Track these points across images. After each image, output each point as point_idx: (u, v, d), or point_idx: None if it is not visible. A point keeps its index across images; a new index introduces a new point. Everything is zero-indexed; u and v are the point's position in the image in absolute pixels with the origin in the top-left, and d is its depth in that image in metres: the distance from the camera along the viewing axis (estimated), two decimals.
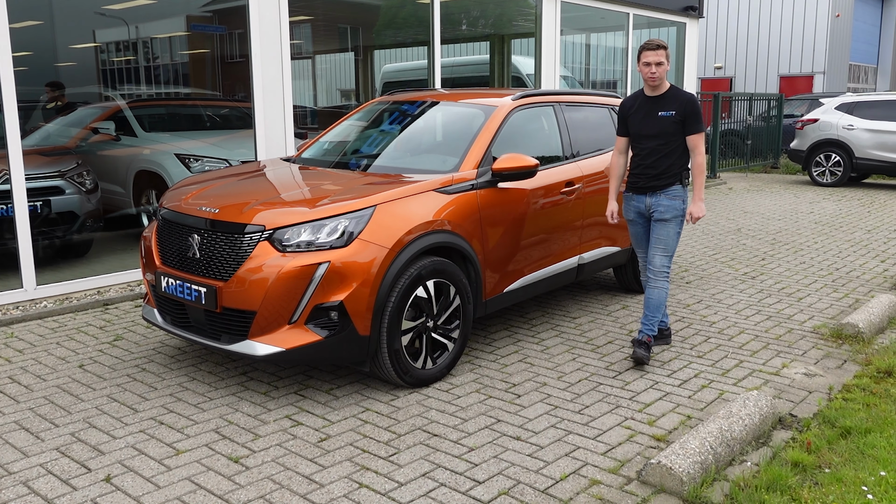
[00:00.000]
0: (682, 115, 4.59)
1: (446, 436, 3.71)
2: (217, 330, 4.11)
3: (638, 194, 4.80)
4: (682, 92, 4.70)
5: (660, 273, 4.72)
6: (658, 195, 4.70)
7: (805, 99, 19.26)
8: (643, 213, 4.81)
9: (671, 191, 4.69)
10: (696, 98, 4.67)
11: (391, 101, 5.94)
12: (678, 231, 4.73)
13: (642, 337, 4.72)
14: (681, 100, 4.63)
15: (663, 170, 4.67)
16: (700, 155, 4.63)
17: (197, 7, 10.67)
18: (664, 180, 4.68)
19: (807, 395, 4.24)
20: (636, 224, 4.92)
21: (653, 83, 4.64)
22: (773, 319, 5.65)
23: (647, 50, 4.59)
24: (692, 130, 4.62)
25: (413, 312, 4.20)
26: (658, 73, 4.58)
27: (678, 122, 4.60)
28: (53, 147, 7.88)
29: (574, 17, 11.58)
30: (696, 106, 4.61)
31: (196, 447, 3.58)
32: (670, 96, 4.66)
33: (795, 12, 25.10)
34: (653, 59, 4.56)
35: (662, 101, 4.65)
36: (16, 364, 4.68)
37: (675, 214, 4.68)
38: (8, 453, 3.52)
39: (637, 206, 4.84)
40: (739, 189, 13.84)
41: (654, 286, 4.74)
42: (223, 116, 9.86)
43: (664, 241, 4.70)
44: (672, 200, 4.68)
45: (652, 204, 4.72)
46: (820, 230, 9.45)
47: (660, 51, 4.55)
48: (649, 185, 4.71)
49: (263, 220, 4.01)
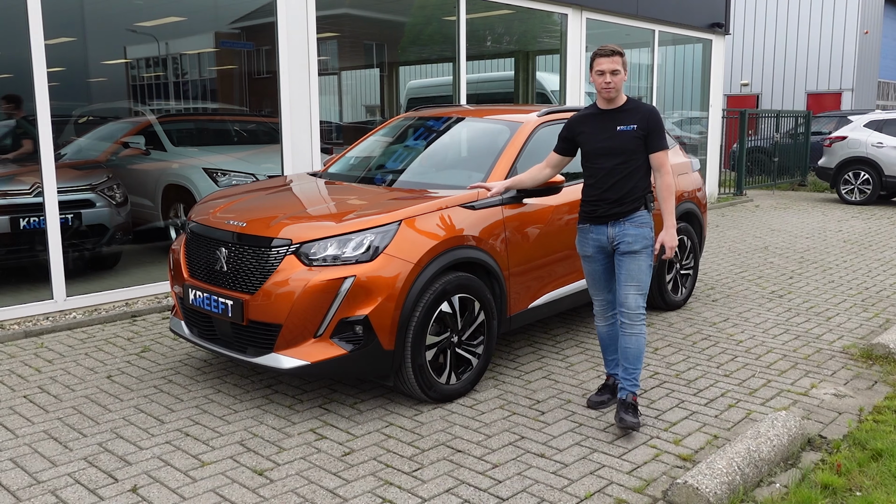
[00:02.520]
0: (645, 130, 3.96)
1: (470, 452, 3.69)
2: (243, 343, 4.14)
3: (597, 225, 4.08)
4: (641, 104, 4.07)
5: (636, 316, 3.99)
6: (622, 224, 4.01)
7: (833, 116, 19.06)
8: (604, 246, 4.08)
9: (636, 217, 4.01)
10: (657, 110, 4.07)
11: (417, 117, 5.98)
12: (650, 264, 4.05)
13: (626, 396, 4.01)
14: (642, 112, 3.99)
15: (625, 193, 3.99)
16: (668, 174, 4.00)
17: (225, 24, 10.84)
18: (627, 206, 4.00)
19: (836, 416, 4.18)
20: (595, 261, 4.16)
21: (607, 94, 3.97)
22: (802, 339, 5.58)
23: (601, 57, 3.93)
24: (656, 147, 3.98)
25: (438, 327, 4.20)
26: (614, 83, 3.92)
27: (640, 138, 3.96)
28: (85, 161, 8.02)
29: (599, 33, 11.60)
30: (659, 119, 4.01)
31: (221, 459, 3.60)
32: (630, 109, 4.01)
33: (823, 29, 24.90)
34: (607, 66, 3.91)
35: (620, 115, 4.00)
36: (45, 374, 4.75)
37: (645, 245, 4.00)
38: (37, 462, 3.56)
39: (597, 238, 4.09)
40: (766, 206, 13.71)
41: (630, 332, 4.01)
42: (250, 131, 9.98)
43: (636, 277, 3.99)
44: (639, 229, 4.00)
45: (616, 235, 4.02)
46: (849, 249, 9.32)
47: (615, 57, 3.91)
48: (611, 213, 4.01)
49: (290, 234, 4.04)
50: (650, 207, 4.08)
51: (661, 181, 4.00)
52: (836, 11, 24.63)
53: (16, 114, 7.28)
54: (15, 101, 7.36)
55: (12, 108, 7.29)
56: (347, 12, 10.92)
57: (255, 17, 10.16)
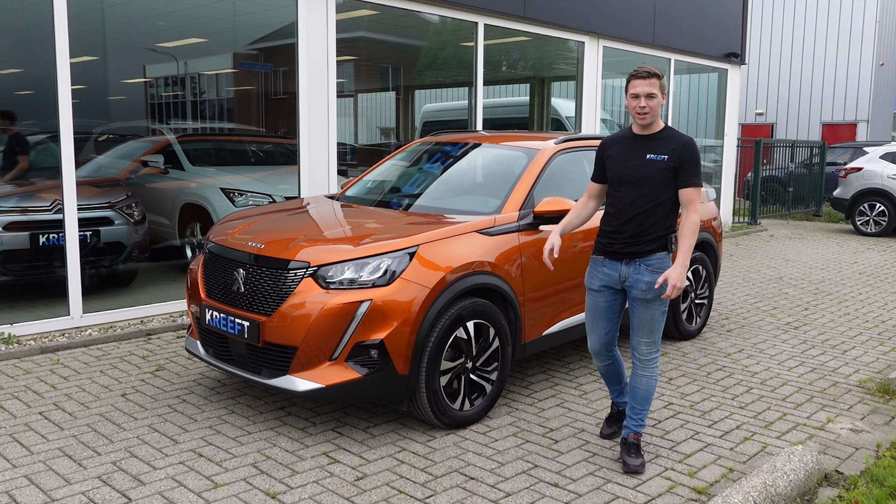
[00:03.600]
0: (677, 162, 3.63)
1: (483, 479, 3.68)
2: (258, 364, 4.15)
3: (611, 260, 3.80)
4: (678, 134, 3.74)
5: (648, 361, 3.82)
6: (637, 265, 3.71)
7: (848, 147, 19.04)
8: (614, 283, 3.81)
9: (654, 260, 3.70)
10: (694, 143, 3.72)
11: (434, 142, 6.02)
12: (664, 311, 3.77)
13: (627, 435, 3.86)
14: (677, 143, 3.67)
15: (645, 229, 3.69)
16: (696, 213, 3.62)
17: (244, 45, 10.98)
18: (646, 245, 3.70)
19: (853, 451, 4.13)
20: (599, 296, 3.86)
21: (642, 120, 3.69)
22: (818, 372, 5.53)
23: (636, 79, 3.65)
24: (689, 182, 3.64)
25: (452, 353, 4.20)
26: (649, 108, 3.63)
27: (670, 171, 3.64)
28: (104, 178, 8.10)
29: (615, 61, 11.67)
30: (695, 152, 3.66)
31: (234, 481, 3.60)
32: (664, 137, 3.71)
33: (839, 60, 24.94)
34: (643, 89, 3.62)
35: (653, 143, 3.70)
36: (61, 391, 4.77)
37: (661, 292, 3.67)
38: (52, 480, 3.57)
39: (609, 274, 3.80)
40: (781, 236, 13.66)
41: (641, 374, 3.83)
42: (267, 152, 10.07)
43: (649, 326, 3.76)
44: (655, 274, 3.67)
45: (629, 276, 3.73)
46: (864, 281, 9.26)
47: (652, 80, 3.62)
48: (627, 252, 3.72)
49: (308, 256, 4.07)
50: (671, 249, 3.74)
51: (687, 217, 3.63)
52: (851, 43, 24.69)
53: (9, 130, 7.22)
54: (9, 118, 7.27)
55: (7, 124, 7.22)
56: (365, 35, 11.05)
57: (273, 39, 10.30)
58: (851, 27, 24.68)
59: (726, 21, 13.33)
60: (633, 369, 3.90)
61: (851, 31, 24.69)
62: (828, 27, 25.09)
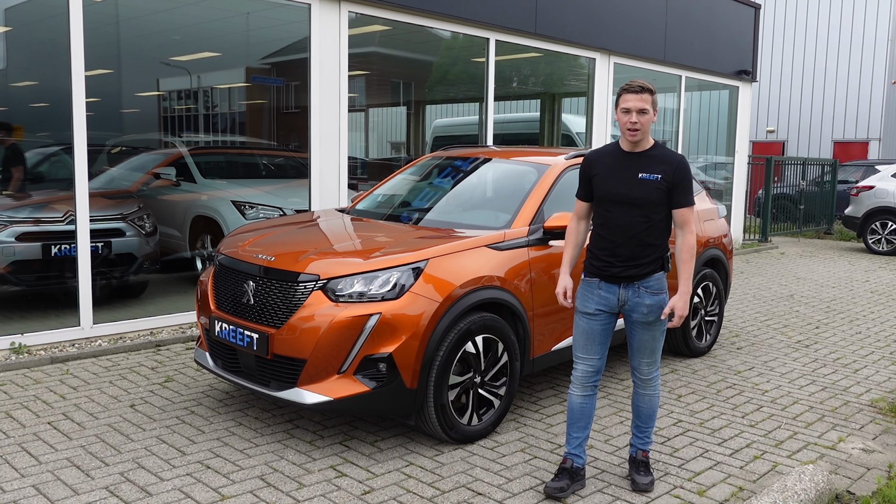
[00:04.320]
0: (670, 182, 3.53)
1: (490, 495, 3.66)
2: (267, 376, 4.15)
3: (608, 283, 3.65)
4: (670, 152, 3.63)
5: (650, 381, 3.77)
6: (637, 289, 3.60)
7: (860, 165, 18.98)
8: (611, 308, 3.66)
9: (653, 282, 3.61)
10: (687, 162, 3.63)
11: (445, 157, 6.04)
12: (664, 330, 3.71)
13: (635, 453, 3.85)
14: (669, 162, 3.55)
15: (641, 252, 3.58)
16: (692, 234, 3.57)
17: (256, 59, 11.08)
18: (644, 267, 3.59)
19: (865, 471, 4.09)
20: (595, 320, 3.67)
21: (632, 137, 3.55)
22: (829, 391, 5.49)
23: (628, 93, 3.53)
24: (682, 203, 3.56)
25: (461, 367, 4.20)
26: (640, 124, 3.50)
27: (663, 190, 3.53)
28: (117, 190, 8.16)
29: (626, 77, 11.66)
30: (688, 171, 3.57)
31: (241, 493, 3.60)
32: (655, 156, 3.58)
33: (850, 78, 24.89)
34: (635, 104, 3.50)
35: (644, 161, 3.57)
36: (70, 401, 4.78)
37: (661, 314, 3.63)
38: (59, 490, 3.58)
39: (605, 297, 3.65)
40: (791, 254, 13.60)
41: (644, 394, 3.80)
42: (278, 165, 10.13)
43: (651, 346, 3.70)
44: (656, 297, 3.60)
45: (628, 300, 3.62)
46: (876, 300, 9.20)
47: (644, 95, 3.49)
48: (625, 275, 3.60)
49: (317, 269, 4.08)
50: (667, 268, 3.67)
51: (683, 240, 3.57)
52: (863, 60, 24.65)
53: (5, 141, 7.19)
54: (5, 129, 7.21)
55: (3, 135, 7.18)
56: (377, 51, 11.12)
57: (285, 54, 10.38)
58: (864, 45, 24.66)
59: (737, 38, 13.34)
60: (635, 388, 3.84)
61: (864, 49, 24.66)
62: (839, 44, 25.07)
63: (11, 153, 7.24)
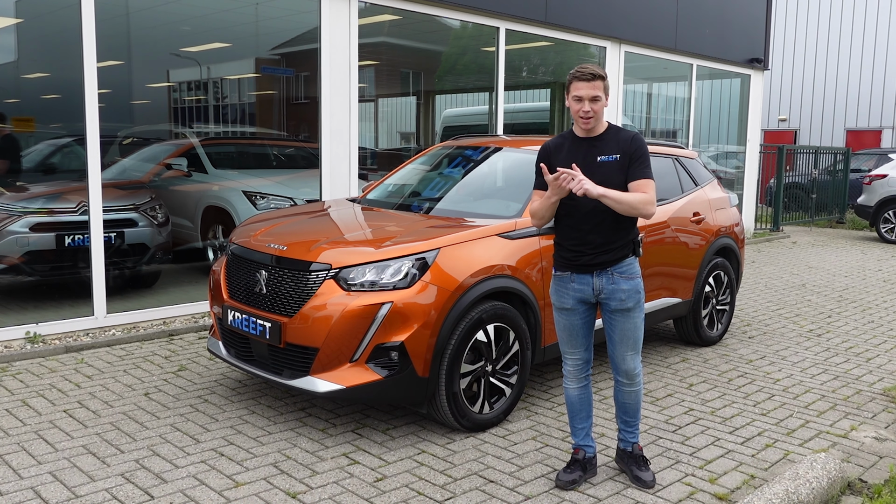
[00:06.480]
0: (629, 159, 3.49)
1: (502, 482, 3.68)
2: (279, 365, 4.18)
3: (580, 273, 3.58)
4: (624, 131, 3.59)
5: (634, 376, 3.68)
6: (610, 275, 3.54)
7: (873, 154, 18.83)
8: (587, 298, 3.60)
9: (626, 267, 3.56)
10: (641, 136, 3.59)
11: (455, 146, 6.03)
12: (642, 318, 3.64)
13: (631, 448, 3.78)
14: (623, 139, 3.53)
15: (612, 237, 3.52)
16: (651, 205, 3.48)
17: (266, 50, 11.08)
18: (616, 252, 3.53)
19: (877, 460, 4.08)
20: (574, 314, 3.63)
21: (586, 125, 3.50)
22: (841, 379, 5.48)
23: (579, 80, 3.43)
24: (638, 175, 3.47)
25: (472, 356, 4.21)
26: (594, 111, 3.45)
27: (624, 169, 3.49)
28: (129, 181, 8.20)
29: (637, 66, 11.64)
30: (643, 145, 3.52)
31: (255, 480, 3.63)
32: (610, 137, 3.55)
33: (864, 65, 24.66)
34: (587, 92, 3.42)
35: (601, 144, 3.53)
36: (85, 389, 4.83)
37: (638, 299, 3.58)
38: (76, 476, 3.62)
39: (580, 289, 3.58)
40: (804, 243, 13.53)
41: (629, 390, 3.70)
42: (288, 156, 10.15)
43: (632, 337, 3.61)
44: (630, 281, 3.55)
45: (604, 287, 3.55)
46: (889, 289, 9.15)
47: (596, 82, 3.41)
48: (597, 262, 3.52)
49: (330, 258, 4.09)
50: (638, 252, 3.64)
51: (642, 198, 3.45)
52: (877, 49, 24.41)
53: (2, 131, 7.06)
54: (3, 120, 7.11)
55: None
56: (385, 41, 11.10)
57: (295, 44, 10.38)
58: (877, 32, 24.42)
59: (749, 26, 13.24)
60: (619, 386, 3.72)
61: (877, 37, 24.42)
62: (852, 32, 24.82)
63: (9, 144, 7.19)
